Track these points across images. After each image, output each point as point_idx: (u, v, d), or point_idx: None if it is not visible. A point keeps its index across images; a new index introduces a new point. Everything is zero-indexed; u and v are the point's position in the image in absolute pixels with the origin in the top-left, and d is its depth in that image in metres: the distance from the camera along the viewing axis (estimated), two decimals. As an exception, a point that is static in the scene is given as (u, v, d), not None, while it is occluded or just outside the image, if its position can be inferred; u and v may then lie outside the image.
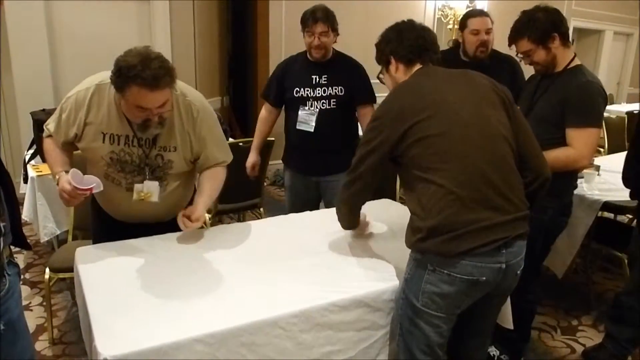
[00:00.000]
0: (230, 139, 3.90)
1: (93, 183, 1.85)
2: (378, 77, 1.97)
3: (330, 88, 2.93)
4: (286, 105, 3.11)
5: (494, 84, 1.78)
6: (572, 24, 9.86)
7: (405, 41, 1.82)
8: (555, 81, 2.30)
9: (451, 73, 1.82)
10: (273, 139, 3.77)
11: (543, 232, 2.37)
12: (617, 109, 8.50)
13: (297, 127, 2.97)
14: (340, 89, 2.93)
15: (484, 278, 1.62)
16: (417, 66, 1.82)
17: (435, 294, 1.64)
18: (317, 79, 2.95)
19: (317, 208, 3.15)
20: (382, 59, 1.90)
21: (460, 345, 1.90)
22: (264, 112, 3.23)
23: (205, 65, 5.83)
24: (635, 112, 7.13)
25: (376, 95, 3.02)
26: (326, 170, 3.02)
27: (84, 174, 1.88)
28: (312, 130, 2.93)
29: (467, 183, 1.60)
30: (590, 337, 3.02)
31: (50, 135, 2.05)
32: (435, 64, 1.85)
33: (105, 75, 1.88)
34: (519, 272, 1.74)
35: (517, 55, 2.43)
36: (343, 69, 2.97)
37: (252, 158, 3.27)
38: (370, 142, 1.74)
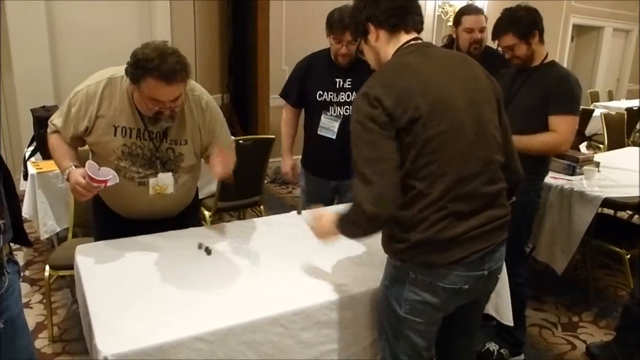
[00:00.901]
0: (231, 137, 3.89)
1: (109, 175, 1.84)
2: (357, 53, 1.78)
3: (354, 93, 2.73)
4: (306, 107, 2.96)
5: (492, 81, 1.69)
6: (572, 20, 9.86)
7: (383, 3, 1.59)
8: (534, 75, 2.50)
9: (452, 59, 1.65)
10: (273, 136, 3.77)
11: (527, 214, 2.54)
12: (617, 105, 8.53)
13: (319, 133, 2.84)
14: None
15: (467, 286, 1.56)
16: (403, 35, 1.61)
17: (418, 302, 1.57)
18: (341, 83, 2.79)
19: None
20: (359, 29, 1.67)
21: (446, 346, 1.86)
22: (287, 114, 3.05)
23: (205, 62, 5.84)
24: (634, 108, 7.14)
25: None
26: (346, 175, 2.86)
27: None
28: (335, 137, 2.80)
29: (461, 197, 1.50)
30: (590, 333, 3.03)
31: (55, 131, 2.04)
32: (421, 31, 1.66)
33: (117, 69, 1.93)
34: (499, 275, 1.71)
35: (497, 48, 2.63)
36: (368, 72, 2.82)
37: (288, 162, 3.08)
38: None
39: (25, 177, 3.43)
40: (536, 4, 2.59)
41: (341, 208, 2.26)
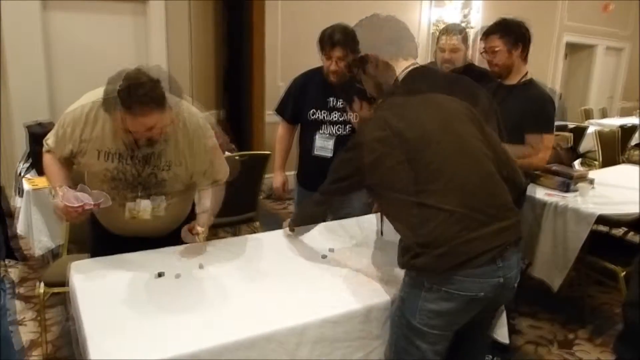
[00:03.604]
0: (227, 152, 3.89)
1: (101, 198, 1.85)
2: (355, 80, 1.84)
3: (346, 113, 2.76)
4: (301, 125, 3.00)
5: (480, 100, 1.75)
6: (565, 38, 9.96)
7: (381, 34, 1.70)
8: (513, 92, 2.62)
9: (443, 86, 1.75)
10: (268, 152, 3.77)
11: None
12: (610, 122, 8.58)
13: (315, 153, 2.87)
14: (356, 115, 2.83)
15: (482, 294, 1.57)
16: (401, 62, 1.71)
17: (433, 311, 1.60)
18: (334, 102, 2.83)
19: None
20: (355, 58, 1.78)
21: (456, 357, 1.86)
22: (282, 130, 3.10)
23: (201, 78, 5.85)
24: (628, 125, 7.19)
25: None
26: None
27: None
28: (331, 155, 2.82)
29: (457, 200, 1.56)
30: (587, 350, 3.02)
31: (49, 150, 2.04)
32: (417, 57, 1.75)
33: (101, 92, 1.87)
34: (515, 284, 1.70)
35: (483, 49, 2.70)
36: (360, 92, 2.86)
37: (279, 178, 3.14)
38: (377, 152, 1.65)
39: (19, 193, 3.41)
40: (530, 21, 2.65)
41: (332, 224, 2.30)
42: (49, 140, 2.04)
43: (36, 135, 3.38)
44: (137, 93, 1.67)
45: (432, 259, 1.55)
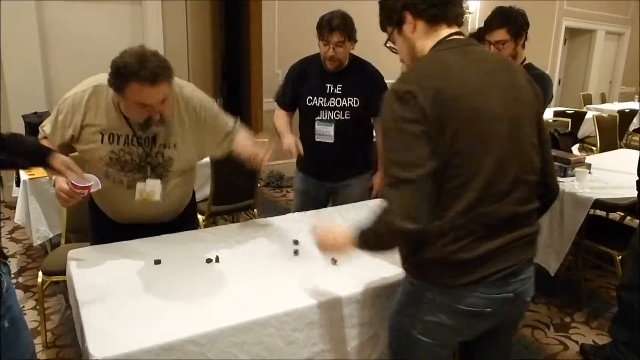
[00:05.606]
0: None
1: (92, 181, 1.83)
2: (386, 45, 1.57)
3: (344, 99, 2.79)
4: (300, 112, 2.97)
5: (535, 91, 1.51)
6: (564, 23, 9.93)
7: None
8: None
9: (495, 62, 1.47)
10: (266, 139, 3.76)
11: None
12: (609, 107, 8.58)
13: (317, 140, 2.85)
14: (355, 100, 2.78)
15: (489, 309, 1.42)
16: (444, 28, 1.44)
17: (434, 323, 1.46)
18: (332, 89, 2.81)
19: None
20: (393, 17, 1.47)
21: None
22: (279, 112, 3.01)
23: (198, 66, 5.85)
24: (627, 110, 7.19)
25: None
26: (341, 177, 2.95)
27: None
28: (332, 141, 2.82)
29: (484, 215, 1.36)
30: (583, 333, 3.05)
31: (46, 137, 2.04)
32: (462, 25, 1.48)
33: (102, 77, 1.90)
34: (528, 299, 1.54)
35: (487, 42, 2.67)
36: (359, 78, 2.81)
37: (288, 139, 2.77)
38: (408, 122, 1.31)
39: (18, 184, 3.42)
40: (529, 6, 2.66)
41: (330, 211, 2.27)
42: (45, 127, 2.03)
43: (33, 125, 3.39)
44: (148, 65, 1.72)
45: (441, 273, 1.41)
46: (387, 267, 1.89)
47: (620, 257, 3.12)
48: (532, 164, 1.46)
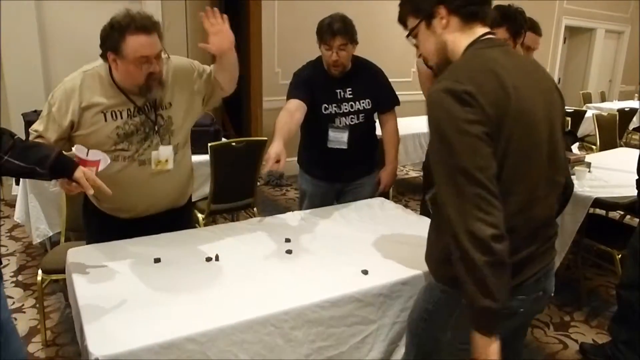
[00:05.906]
0: (223, 139, 3.90)
1: (99, 156, 1.81)
2: (408, 38, 1.46)
3: (357, 103, 2.74)
4: (310, 119, 2.65)
5: (561, 95, 1.51)
6: (564, 22, 9.92)
7: None
8: None
9: (530, 64, 1.44)
10: (266, 138, 3.77)
11: None
12: (609, 106, 8.58)
13: (329, 146, 2.76)
14: (368, 101, 2.76)
15: (522, 310, 1.43)
16: (479, 27, 1.37)
17: (467, 329, 1.35)
18: (342, 94, 2.73)
19: None
20: (423, 10, 1.38)
21: None
22: (292, 106, 2.57)
23: (198, 65, 5.84)
24: (627, 109, 7.18)
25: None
26: (352, 178, 2.91)
27: None
28: (346, 147, 2.74)
29: (528, 219, 1.35)
30: (582, 332, 3.05)
31: (38, 136, 2.01)
32: (492, 26, 1.42)
33: (88, 65, 2.03)
34: (552, 293, 1.56)
35: None
36: (366, 79, 2.78)
37: (276, 147, 2.18)
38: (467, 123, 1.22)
39: (18, 182, 3.42)
40: (528, 5, 2.64)
41: (330, 210, 2.24)
42: (36, 126, 2.02)
43: (32, 123, 3.37)
44: (137, 17, 1.87)
45: None
46: (384, 266, 1.91)
47: (619, 255, 3.12)
48: (564, 167, 1.46)
